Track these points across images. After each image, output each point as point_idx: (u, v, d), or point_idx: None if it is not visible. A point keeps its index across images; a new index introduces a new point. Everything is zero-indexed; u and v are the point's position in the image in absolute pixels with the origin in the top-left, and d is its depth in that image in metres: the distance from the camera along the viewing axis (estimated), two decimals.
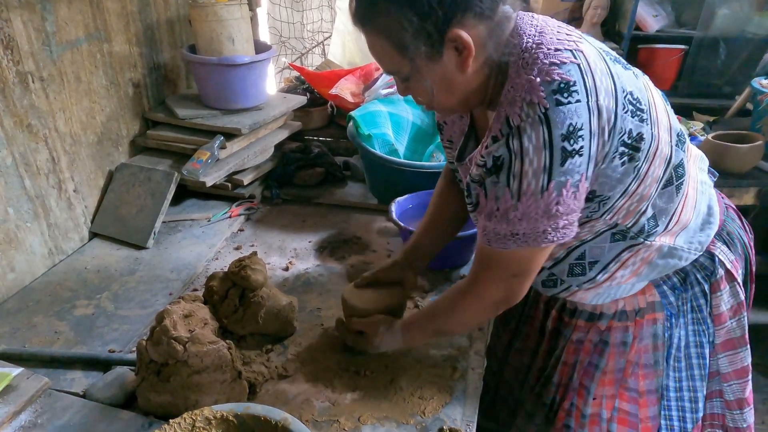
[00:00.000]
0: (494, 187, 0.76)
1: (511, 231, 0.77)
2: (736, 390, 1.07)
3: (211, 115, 1.58)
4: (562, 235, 0.77)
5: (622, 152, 0.77)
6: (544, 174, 0.72)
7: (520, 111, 0.72)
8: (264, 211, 1.60)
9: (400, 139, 1.66)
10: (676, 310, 0.98)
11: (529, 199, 0.74)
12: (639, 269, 0.93)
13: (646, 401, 1.02)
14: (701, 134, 2.02)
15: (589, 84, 0.72)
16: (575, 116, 0.70)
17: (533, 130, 0.71)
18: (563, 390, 1.07)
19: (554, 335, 1.08)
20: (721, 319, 1.01)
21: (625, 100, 0.75)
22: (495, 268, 0.84)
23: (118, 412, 0.88)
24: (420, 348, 1.05)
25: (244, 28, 1.55)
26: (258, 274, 1.02)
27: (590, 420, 1.05)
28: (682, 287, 0.97)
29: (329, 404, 0.92)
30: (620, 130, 0.75)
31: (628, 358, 1.00)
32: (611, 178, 0.78)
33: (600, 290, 0.97)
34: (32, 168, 1.24)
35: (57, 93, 1.28)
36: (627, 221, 0.86)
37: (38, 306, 1.16)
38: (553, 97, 0.70)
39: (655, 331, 0.98)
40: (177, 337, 0.86)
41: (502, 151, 0.74)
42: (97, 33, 1.38)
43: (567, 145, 0.71)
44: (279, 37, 2.77)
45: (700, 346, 1.02)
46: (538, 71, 0.72)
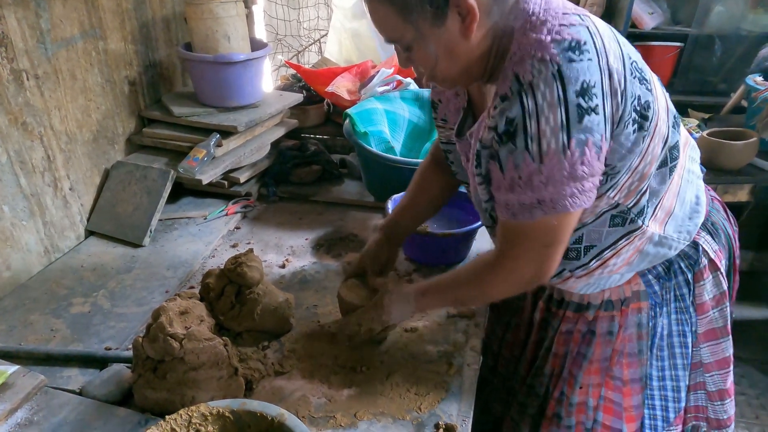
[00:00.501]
0: (511, 155, 0.74)
1: (538, 198, 0.75)
2: (717, 381, 1.08)
3: (207, 113, 1.58)
4: (588, 199, 0.76)
5: (634, 119, 0.76)
6: (562, 132, 0.70)
7: (531, 68, 0.70)
8: (260, 208, 1.60)
9: (396, 136, 1.66)
10: (660, 299, 0.98)
11: (552, 159, 0.72)
12: (631, 258, 0.93)
13: (630, 390, 1.03)
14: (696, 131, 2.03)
15: (599, 45, 0.72)
16: (588, 73, 0.70)
17: (546, 87, 0.69)
18: (555, 380, 1.08)
19: (542, 326, 1.09)
20: (703, 308, 1.01)
21: (631, 66, 0.75)
22: (524, 241, 0.81)
23: (115, 409, 0.89)
24: (416, 344, 1.05)
25: (239, 26, 1.54)
26: (254, 271, 1.02)
27: (577, 408, 1.06)
28: (666, 276, 0.98)
29: (325, 400, 0.92)
30: (631, 94, 0.75)
31: (614, 347, 1.01)
32: (623, 147, 0.78)
33: (591, 279, 0.97)
34: (27, 166, 1.23)
35: (52, 91, 1.28)
36: (628, 200, 0.86)
37: (34, 304, 1.16)
38: (566, 54, 0.69)
39: (639, 320, 0.99)
40: (173, 334, 0.86)
41: (516, 110, 0.72)
42: (92, 30, 1.38)
43: (582, 102, 0.70)
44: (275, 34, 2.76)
45: (682, 335, 1.03)
46: (548, 31, 0.71)
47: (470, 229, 1.26)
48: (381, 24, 0.78)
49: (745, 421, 2.00)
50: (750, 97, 2.01)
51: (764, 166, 1.86)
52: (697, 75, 2.75)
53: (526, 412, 1.14)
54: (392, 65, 1.87)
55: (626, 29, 2.63)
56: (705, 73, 2.75)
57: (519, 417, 1.16)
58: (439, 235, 1.26)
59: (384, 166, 1.47)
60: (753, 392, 2.12)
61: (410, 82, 1.78)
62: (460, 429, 0.87)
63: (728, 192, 1.89)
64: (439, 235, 1.26)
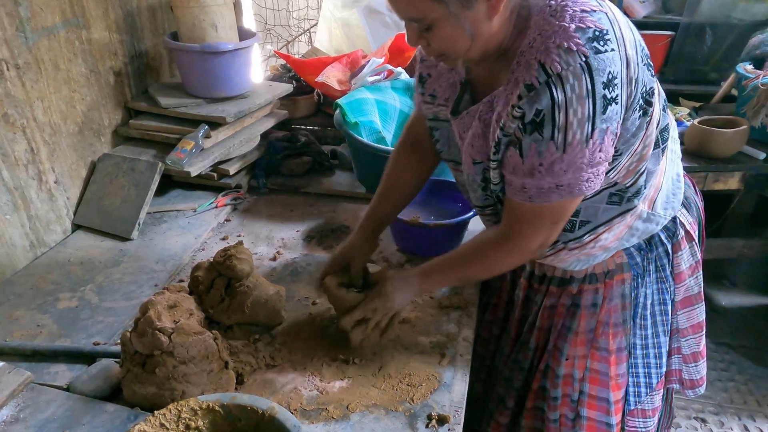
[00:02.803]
0: (536, 143, 0.76)
1: (557, 183, 0.78)
2: (692, 344, 1.14)
3: (195, 104, 1.56)
4: (600, 181, 0.80)
5: (641, 105, 0.78)
6: (588, 123, 0.72)
7: (559, 58, 0.71)
8: (251, 200, 1.59)
9: (387, 126, 1.65)
10: (641, 270, 1.02)
11: (575, 149, 0.74)
12: (621, 233, 0.96)
13: (616, 359, 1.06)
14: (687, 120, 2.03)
15: (618, 33, 0.73)
16: (612, 64, 0.71)
17: (576, 79, 0.70)
18: (540, 353, 1.11)
19: (525, 303, 1.12)
20: (681, 277, 1.07)
21: (642, 53, 0.77)
22: (535, 221, 0.86)
23: (103, 404, 0.87)
24: (408, 335, 1.05)
25: (227, 15, 1.52)
26: (244, 264, 1.01)
27: (563, 380, 1.09)
28: (647, 248, 1.01)
29: (317, 393, 0.92)
30: (642, 82, 0.76)
31: (598, 318, 1.04)
32: (628, 131, 0.80)
33: (581, 255, 0.99)
34: (10, 159, 1.21)
35: (34, 81, 1.25)
36: (626, 180, 0.88)
37: (20, 299, 1.14)
38: (591, 44, 0.70)
39: (623, 291, 1.03)
40: (161, 328, 0.84)
41: (545, 102, 0.72)
42: (74, 19, 1.34)
43: (607, 93, 0.71)
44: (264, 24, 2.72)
45: (663, 304, 1.07)
46: (570, 18, 0.72)
47: (462, 220, 1.26)
48: (403, 2, 0.75)
49: (734, 407, 2.03)
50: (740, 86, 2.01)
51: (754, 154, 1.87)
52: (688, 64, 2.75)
53: (512, 387, 1.17)
54: (383, 54, 1.85)
55: None
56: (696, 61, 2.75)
57: (505, 392, 1.19)
58: (431, 225, 1.25)
59: (375, 156, 1.45)
60: (741, 378, 2.15)
61: (401, 72, 1.76)
62: (453, 419, 0.86)
63: (719, 180, 1.90)
64: (431, 226, 1.25)
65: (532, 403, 1.14)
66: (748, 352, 2.27)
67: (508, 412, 1.19)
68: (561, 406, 1.11)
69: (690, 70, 2.75)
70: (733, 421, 1.97)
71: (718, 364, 2.21)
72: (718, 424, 1.96)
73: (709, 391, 2.08)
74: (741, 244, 2.16)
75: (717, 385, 2.11)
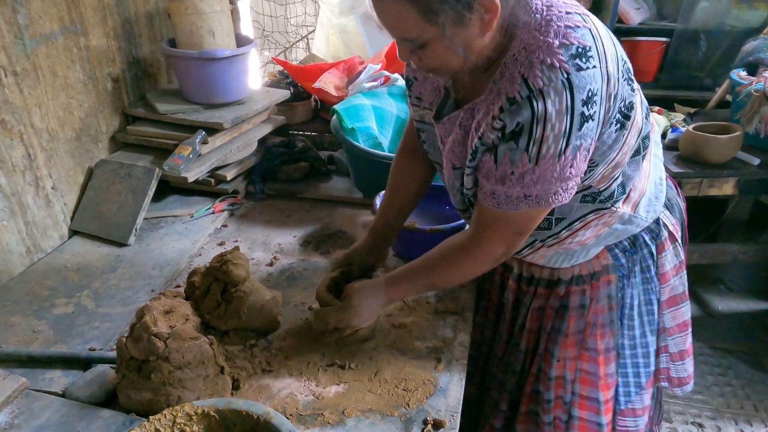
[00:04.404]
0: (510, 152, 0.77)
1: (525, 193, 0.79)
2: (678, 342, 1.15)
3: (192, 110, 1.56)
4: (568, 195, 0.81)
5: (618, 119, 0.79)
6: (563, 139, 0.73)
7: (541, 74, 0.72)
8: (248, 206, 1.59)
9: (384, 132, 1.65)
10: (627, 271, 1.04)
11: (546, 162, 0.75)
12: (599, 231, 0.97)
13: (604, 359, 1.08)
14: (682, 125, 2.04)
15: (600, 50, 0.73)
16: (593, 81, 0.72)
17: (557, 95, 0.71)
18: (531, 356, 1.13)
19: (515, 305, 1.13)
20: (666, 277, 1.08)
21: (623, 68, 0.77)
22: (501, 227, 0.87)
23: (99, 410, 0.87)
24: (404, 340, 1.05)
25: (224, 21, 1.53)
26: (240, 269, 1.01)
27: (555, 382, 1.10)
28: (632, 249, 1.03)
29: (313, 398, 0.92)
30: (620, 97, 0.77)
31: (587, 319, 1.05)
32: (604, 144, 0.81)
33: (560, 250, 1.00)
34: (7, 165, 1.21)
35: (32, 88, 1.25)
36: (600, 185, 0.90)
37: (16, 305, 1.14)
38: (573, 61, 0.71)
39: (609, 292, 1.04)
40: (157, 333, 0.85)
41: (526, 114, 0.73)
42: (72, 26, 1.35)
43: (585, 110, 0.72)
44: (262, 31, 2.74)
45: (649, 304, 1.08)
46: (554, 33, 0.72)
47: (459, 225, 1.26)
48: (397, 24, 0.75)
49: (731, 412, 2.03)
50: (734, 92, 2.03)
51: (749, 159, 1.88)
52: (683, 70, 2.78)
53: (505, 390, 1.18)
54: (380, 61, 1.86)
55: (613, 24, 2.65)
56: (690, 68, 2.78)
57: (498, 395, 1.20)
58: (427, 230, 1.25)
59: (372, 162, 1.46)
60: (738, 383, 2.15)
61: (398, 78, 1.77)
62: (449, 424, 0.86)
63: (713, 186, 1.91)
64: (427, 230, 1.25)
65: (526, 407, 1.15)
66: (744, 356, 2.27)
67: (502, 416, 1.20)
68: (554, 408, 1.12)
69: (685, 76, 2.78)
70: (730, 425, 1.97)
71: (715, 369, 2.21)
72: (715, 429, 1.96)
73: (706, 395, 2.09)
74: (736, 248, 2.17)
75: (714, 390, 2.11)
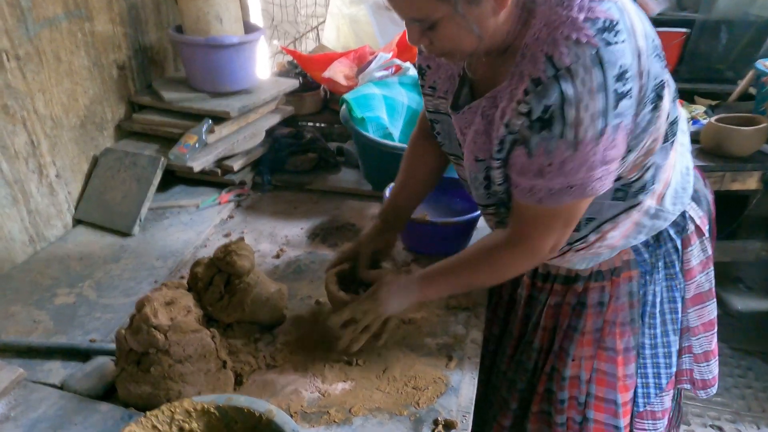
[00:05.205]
0: (544, 142, 0.72)
1: (568, 183, 0.74)
2: (703, 343, 1.09)
3: (198, 98, 1.53)
4: (610, 180, 0.76)
5: (652, 98, 0.74)
6: (601, 118, 0.69)
7: (567, 51, 0.67)
8: (255, 197, 1.55)
9: (394, 122, 1.61)
10: (649, 266, 0.98)
11: (587, 146, 0.70)
12: (628, 231, 0.92)
13: (623, 359, 1.02)
14: (703, 118, 1.97)
15: (628, 24, 0.69)
16: (624, 56, 0.67)
17: (587, 73, 0.67)
18: (544, 355, 1.08)
19: (528, 302, 1.08)
20: (691, 273, 1.02)
21: (653, 43, 0.72)
22: (547, 223, 0.82)
23: (97, 404, 0.84)
24: (414, 336, 1.01)
25: (232, 7, 1.49)
26: (244, 260, 0.97)
27: (570, 382, 1.05)
28: (655, 244, 0.97)
29: (319, 395, 0.88)
30: (653, 75, 0.72)
31: (605, 317, 1.00)
32: (638, 127, 0.76)
33: (588, 254, 0.95)
34: (9, 151, 1.18)
35: (35, 73, 1.23)
36: (631, 175, 0.84)
37: (17, 295, 1.12)
38: (601, 36, 0.66)
39: (630, 289, 0.99)
40: (157, 326, 0.81)
41: (554, 97, 0.68)
42: (77, 11, 1.32)
43: (619, 87, 0.68)
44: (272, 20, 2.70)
45: (672, 302, 1.03)
46: (578, 8, 0.68)
47: (471, 218, 1.21)
48: (407, 2, 0.72)
49: (752, 415, 1.96)
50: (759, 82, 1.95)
51: None
52: (704, 62, 2.68)
53: (515, 389, 1.13)
54: (391, 50, 1.82)
55: None
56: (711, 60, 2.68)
57: (508, 394, 1.15)
58: (439, 224, 1.21)
59: (382, 152, 1.42)
60: (759, 385, 2.08)
61: (409, 67, 1.72)
62: (461, 425, 0.82)
63: (737, 180, 1.84)
64: (439, 224, 1.21)
65: (537, 407, 1.11)
66: (765, 357, 2.20)
67: (511, 415, 1.15)
68: (568, 408, 1.07)
69: (705, 69, 2.68)
70: (751, 429, 1.90)
71: (735, 371, 2.14)
72: None
73: (725, 398, 2.02)
74: (758, 246, 2.10)
75: (734, 392, 2.05)
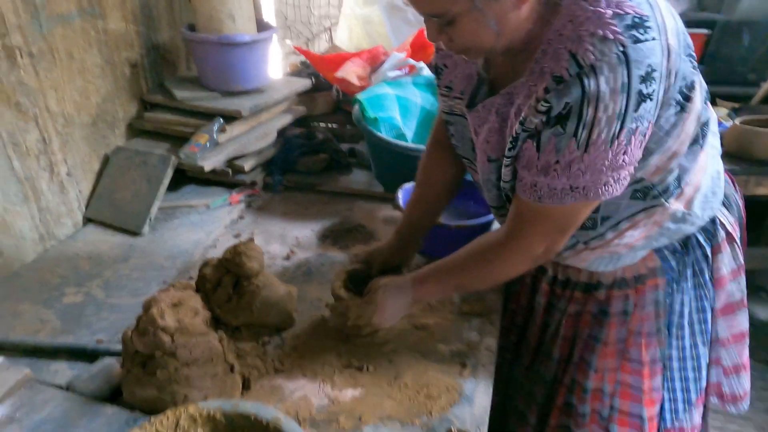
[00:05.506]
0: (556, 138, 0.69)
1: (571, 185, 0.71)
2: (733, 355, 1.04)
3: (210, 97, 1.52)
4: (620, 187, 0.72)
5: (677, 100, 0.70)
6: (617, 121, 0.65)
7: (593, 48, 0.64)
8: (265, 198, 1.54)
9: (407, 123, 1.58)
10: (677, 274, 0.93)
11: (597, 149, 0.67)
12: (649, 232, 0.87)
13: (650, 372, 0.97)
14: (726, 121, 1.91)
15: (659, 20, 0.65)
16: (652, 55, 0.64)
17: (611, 72, 0.63)
18: (563, 365, 1.03)
19: (547, 310, 1.04)
20: (721, 282, 0.97)
21: (684, 42, 0.69)
22: (541, 223, 0.79)
23: (102, 406, 0.82)
24: (426, 342, 0.98)
25: (245, 6, 1.47)
26: (253, 261, 0.95)
27: (592, 395, 1.00)
28: (683, 251, 0.92)
29: (328, 401, 0.85)
30: (681, 75, 0.68)
31: (629, 327, 0.96)
32: (661, 129, 0.72)
33: (605, 252, 0.91)
34: (21, 148, 1.18)
35: (48, 70, 1.22)
36: (654, 178, 0.80)
37: (26, 293, 1.11)
38: (629, 32, 0.63)
39: (656, 298, 0.94)
40: (164, 327, 0.79)
41: (575, 94, 0.65)
42: (90, 8, 1.31)
43: (643, 88, 0.64)
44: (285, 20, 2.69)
45: (701, 311, 0.98)
46: (606, 3, 0.65)
47: (485, 221, 1.18)
48: None
49: None
50: None
51: None
52: (725, 64, 2.62)
53: (534, 401, 1.09)
54: (404, 50, 1.79)
55: None
56: (733, 61, 2.62)
57: (525, 406, 1.11)
58: (452, 227, 1.17)
59: (394, 153, 1.39)
60: None
61: (423, 67, 1.70)
62: None
63: (762, 184, 1.78)
64: (452, 227, 1.17)
65: (556, 421, 1.06)
66: None
67: (530, 429, 1.11)
68: (590, 423, 1.02)
69: (727, 71, 2.62)
70: None
71: (758, 383, 2.07)
72: None
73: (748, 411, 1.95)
74: None
75: (757, 405, 1.98)
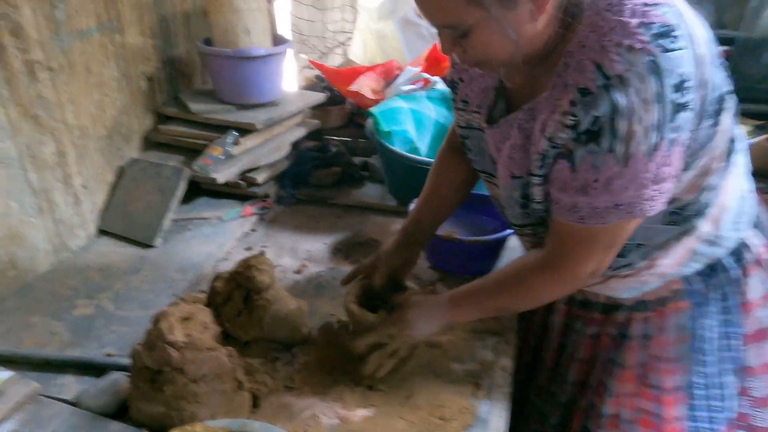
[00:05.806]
0: (591, 156, 0.67)
1: (615, 202, 0.68)
2: (764, 386, 0.97)
3: (224, 110, 1.52)
4: (665, 201, 0.69)
5: (713, 112, 0.68)
6: (655, 132, 0.63)
7: (620, 58, 0.62)
8: (278, 211, 1.53)
9: (421, 137, 1.57)
10: (703, 298, 0.89)
11: (638, 162, 0.65)
12: (681, 259, 0.84)
13: (672, 399, 0.92)
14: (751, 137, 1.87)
15: (687, 29, 0.64)
16: (684, 64, 0.62)
17: (642, 82, 0.61)
18: (579, 388, 1.00)
19: (563, 330, 1.01)
20: (751, 307, 0.92)
21: (714, 51, 0.67)
22: (588, 244, 0.76)
23: (108, 422, 0.81)
24: (439, 361, 0.95)
25: (260, 20, 1.49)
26: (264, 275, 0.94)
27: (609, 421, 0.96)
28: (709, 274, 0.88)
29: (338, 421, 0.83)
30: (714, 85, 0.66)
31: (649, 351, 0.92)
32: (696, 142, 0.69)
33: (634, 283, 0.88)
34: (37, 161, 1.19)
35: (66, 84, 1.24)
36: (688, 196, 0.77)
37: (37, 305, 1.10)
38: (657, 42, 0.61)
39: (679, 322, 0.90)
40: (173, 342, 0.78)
41: (604, 107, 0.63)
42: (109, 23, 1.33)
43: (678, 98, 0.62)
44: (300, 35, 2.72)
45: (729, 337, 0.92)
46: (631, 12, 0.63)
47: (501, 237, 1.16)
48: (437, 7, 0.68)
49: None
50: None
51: None
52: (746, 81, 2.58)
53: (548, 424, 1.05)
54: (419, 64, 1.79)
55: None
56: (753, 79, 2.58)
57: (539, 429, 1.07)
58: (467, 242, 1.15)
59: (407, 167, 1.38)
60: None
61: (437, 81, 1.69)
62: None
63: None
64: (466, 242, 1.15)
65: None
66: None
67: None
68: None
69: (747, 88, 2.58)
70: None
71: None
72: None
73: None
74: None
75: None
